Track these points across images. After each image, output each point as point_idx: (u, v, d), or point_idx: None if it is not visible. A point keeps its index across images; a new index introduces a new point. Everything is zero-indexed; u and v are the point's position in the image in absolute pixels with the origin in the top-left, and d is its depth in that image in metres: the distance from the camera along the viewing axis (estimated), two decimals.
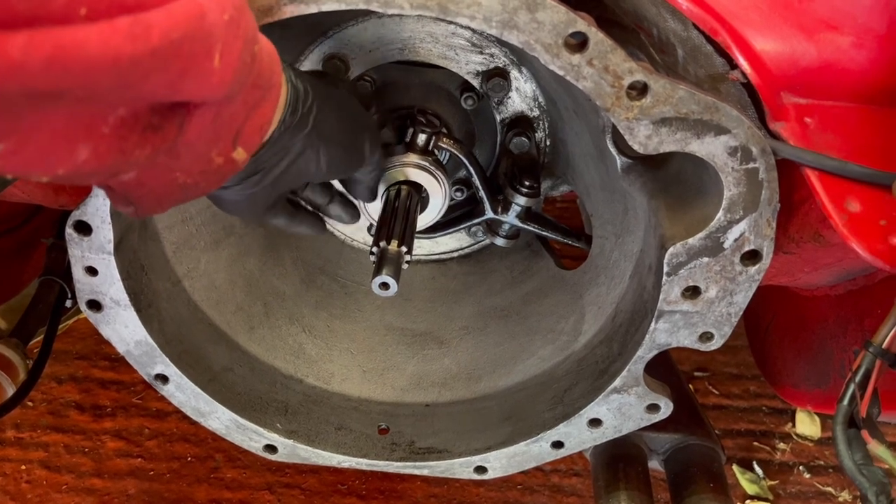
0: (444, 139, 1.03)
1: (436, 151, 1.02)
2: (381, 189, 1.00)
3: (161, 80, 0.47)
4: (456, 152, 1.05)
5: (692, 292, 0.85)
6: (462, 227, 1.19)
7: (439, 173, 1.00)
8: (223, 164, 0.62)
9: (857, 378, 0.74)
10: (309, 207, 0.98)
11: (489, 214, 1.14)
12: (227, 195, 0.79)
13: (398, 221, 0.94)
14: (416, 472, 1.09)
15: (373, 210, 1.02)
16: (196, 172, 0.61)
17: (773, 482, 1.73)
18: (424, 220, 1.05)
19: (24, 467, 1.72)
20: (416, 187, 1.01)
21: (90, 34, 0.41)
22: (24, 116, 0.43)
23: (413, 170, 0.99)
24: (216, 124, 0.58)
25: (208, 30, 0.49)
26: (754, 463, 1.76)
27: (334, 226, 1.30)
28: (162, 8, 0.45)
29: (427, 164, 0.99)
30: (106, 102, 0.48)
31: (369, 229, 1.25)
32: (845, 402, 0.74)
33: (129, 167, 0.54)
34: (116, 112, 0.49)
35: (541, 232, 1.17)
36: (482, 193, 1.11)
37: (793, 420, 1.84)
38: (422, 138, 0.99)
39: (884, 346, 0.73)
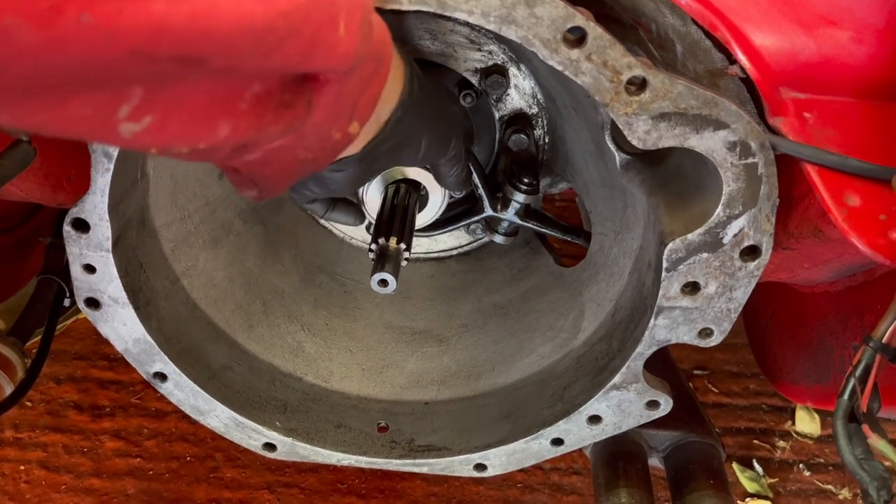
0: None
1: None
2: (380, 187, 1.00)
3: (293, 48, 0.47)
4: None
5: (691, 288, 0.85)
6: (461, 224, 1.19)
7: None
8: (340, 138, 0.64)
9: (858, 373, 0.73)
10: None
11: (488, 212, 1.14)
12: (336, 176, 0.79)
13: (397, 219, 0.94)
14: (416, 469, 1.09)
15: (372, 209, 1.02)
16: (317, 148, 0.62)
17: (772, 480, 1.73)
18: (423, 218, 1.05)
19: (22, 467, 1.72)
20: (415, 185, 1.00)
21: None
22: (169, 86, 0.44)
23: (411, 168, 0.99)
24: (339, 99, 0.58)
25: None
26: (754, 461, 1.76)
27: (333, 224, 1.30)
28: None
29: None
30: (242, 75, 0.48)
31: (368, 228, 1.25)
32: (846, 396, 0.74)
33: (261, 144, 0.55)
34: (252, 88, 0.50)
35: (540, 229, 1.17)
36: (481, 191, 1.11)
37: (793, 418, 1.84)
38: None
39: (884, 340, 0.73)
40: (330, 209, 0.97)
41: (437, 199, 1.03)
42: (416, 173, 1.00)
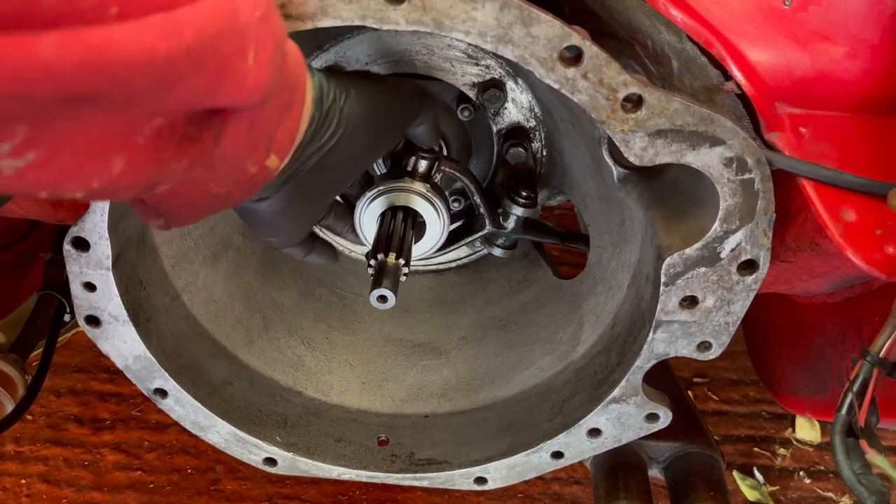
0: (445, 163, 1.03)
1: (435, 175, 1.02)
2: (378, 211, 1.00)
3: (197, 82, 0.45)
4: (457, 174, 1.05)
5: (690, 302, 0.85)
6: (461, 244, 1.17)
7: (438, 202, 1.00)
8: (257, 172, 0.61)
9: (855, 387, 0.74)
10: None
11: (489, 229, 1.13)
12: (262, 207, 0.76)
13: (396, 234, 0.94)
14: (416, 483, 1.09)
15: (368, 233, 1.01)
16: (230, 182, 0.60)
17: (773, 488, 1.73)
18: (424, 247, 1.04)
19: (23, 481, 1.72)
20: (413, 213, 1.01)
21: (123, 33, 0.39)
22: (57, 123, 0.41)
23: (413, 196, 0.99)
24: (251, 131, 0.56)
25: (242, 28, 0.47)
26: (755, 469, 1.76)
27: (333, 237, 1.30)
28: (193, 5, 0.44)
29: (426, 191, 0.99)
30: (142, 109, 0.46)
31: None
32: (843, 411, 0.74)
33: (167, 179, 0.52)
34: (152, 122, 0.47)
35: (539, 239, 1.17)
36: (482, 209, 1.11)
37: (793, 425, 1.84)
38: (423, 164, 0.99)
39: (881, 354, 0.73)
40: (308, 252, 0.93)
41: (435, 231, 1.02)
42: (416, 202, 1.00)
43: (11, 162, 0.41)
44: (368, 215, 1.00)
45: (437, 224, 1.02)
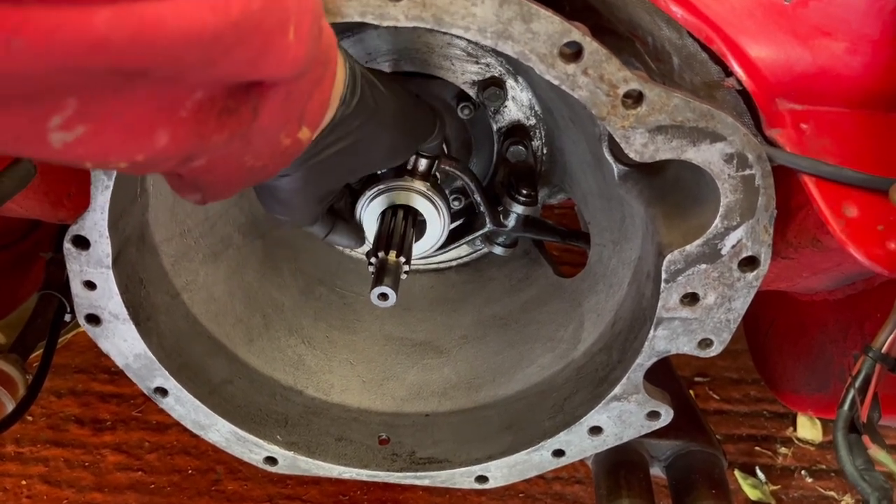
0: (446, 162, 1.03)
1: (436, 174, 1.02)
2: (378, 211, 1.00)
3: (242, 56, 0.46)
4: (457, 173, 1.05)
5: (691, 299, 0.85)
6: (462, 242, 1.17)
7: (439, 200, 1.00)
8: (290, 144, 0.62)
9: (858, 383, 0.73)
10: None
11: (490, 227, 1.13)
12: (284, 184, 0.77)
13: (396, 232, 0.94)
14: (417, 482, 1.09)
15: (369, 231, 1.01)
16: (265, 155, 0.60)
17: (775, 487, 1.73)
18: (424, 246, 1.04)
19: (24, 482, 1.72)
20: (413, 212, 1.01)
21: (174, 8, 0.40)
22: (106, 98, 0.42)
23: (413, 195, 0.99)
24: (286, 104, 0.57)
25: (283, 2, 0.48)
26: (756, 468, 1.75)
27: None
28: None
29: (429, 191, 0.99)
30: (185, 84, 0.46)
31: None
32: (846, 407, 0.74)
33: (205, 152, 0.53)
34: (194, 95, 0.48)
35: (540, 237, 1.17)
36: (482, 208, 1.11)
37: (794, 424, 1.84)
38: (423, 163, 0.99)
39: (883, 350, 0.73)
40: (330, 231, 0.93)
41: (436, 230, 1.02)
42: (416, 201, 1.00)
43: (61, 135, 0.41)
44: (369, 213, 1.00)
45: (437, 222, 1.02)
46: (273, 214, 0.83)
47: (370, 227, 1.00)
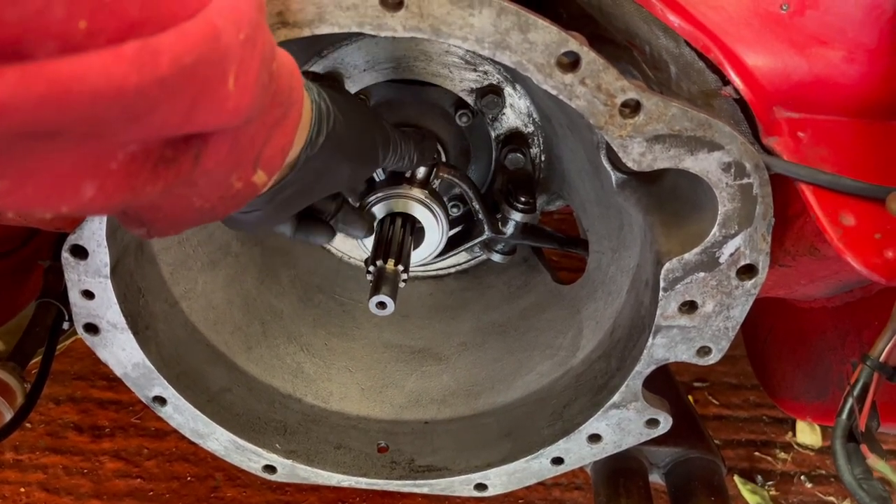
0: (444, 169, 1.03)
1: (434, 181, 1.02)
2: (377, 218, 1.01)
3: (171, 111, 0.43)
4: (455, 179, 1.05)
5: (689, 307, 0.85)
6: (460, 249, 1.18)
7: (437, 208, 1.00)
8: (242, 188, 0.59)
9: (856, 392, 0.73)
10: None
11: (488, 234, 1.13)
12: (245, 218, 0.76)
13: (395, 240, 0.94)
14: (416, 490, 1.08)
15: (368, 239, 1.01)
16: (214, 197, 0.58)
17: (774, 492, 1.72)
18: (423, 254, 1.05)
19: (23, 490, 1.71)
20: (413, 220, 1.01)
21: (92, 64, 0.37)
22: (22, 155, 0.39)
23: (411, 202, 1.00)
24: (234, 150, 0.54)
25: (223, 52, 0.45)
26: (756, 474, 1.75)
27: (331, 243, 1.30)
28: (173, 30, 0.41)
29: (425, 197, 0.99)
30: (113, 138, 0.43)
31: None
32: (844, 416, 0.74)
33: (140, 202, 0.50)
34: (126, 148, 0.45)
35: (538, 244, 1.17)
36: (481, 215, 1.11)
37: (793, 429, 1.83)
38: (421, 171, 0.99)
39: (881, 359, 0.73)
40: (297, 230, 0.89)
41: (434, 238, 1.03)
42: (414, 209, 1.00)
43: None
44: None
45: (435, 230, 1.02)
46: (230, 228, 0.81)
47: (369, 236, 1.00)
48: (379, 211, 1.00)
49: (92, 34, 0.37)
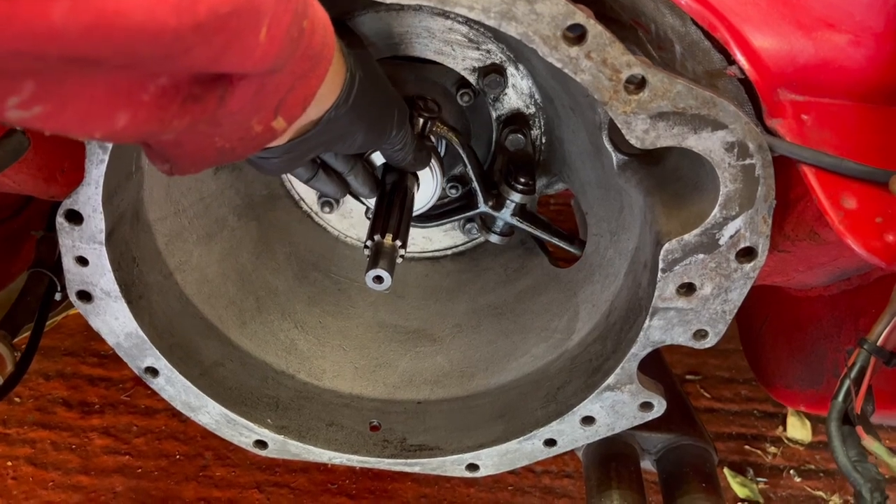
0: (441, 125, 1.03)
1: (431, 138, 1.01)
2: (377, 165, 1.00)
3: (203, 54, 0.46)
4: (452, 139, 1.04)
5: (687, 289, 0.85)
6: (455, 219, 1.18)
7: (433, 158, 1.00)
8: (262, 132, 0.62)
9: (853, 375, 0.73)
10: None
11: (482, 208, 1.13)
12: (265, 164, 0.80)
13: (393, 215, 0.94)
14: (408, 469, 1.08)
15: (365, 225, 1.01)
16: (235, 138, 0.61)
17: (763, 486, 1.73)
18: (417, 203, 1.04)
19: (10, 463, 1.71)
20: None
21: (137, 3, 0.40)
22: (64, 80, 0.43)
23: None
24: (258, 94, 0.57)
25: (258, 5, 0.48)
26: (746, 467, 1.76)
27: (328, 222, 1.29)
28: None
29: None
30: (147, 71, 0.47)
31: (367, 212, 1.23)
32: (840, 398, 0.74)
33: (167, 134, 0.54)
34: (157, 81, 0.48)
35: (533, 231, 1.16)
36: (476, 185, 1.11)
37: (784, 424, 1.84)
38: (418, 122, 0.99)
39: (879, 343, 0.73)
40: (313, 177, 0.93)
41: (429, 188, 1.02)
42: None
43: (18, 113, 0.42)
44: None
45: (430, 180, 1.01)
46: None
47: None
48: (376, 160, 0.99)
49: None
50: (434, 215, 1.14)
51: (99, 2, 0.38)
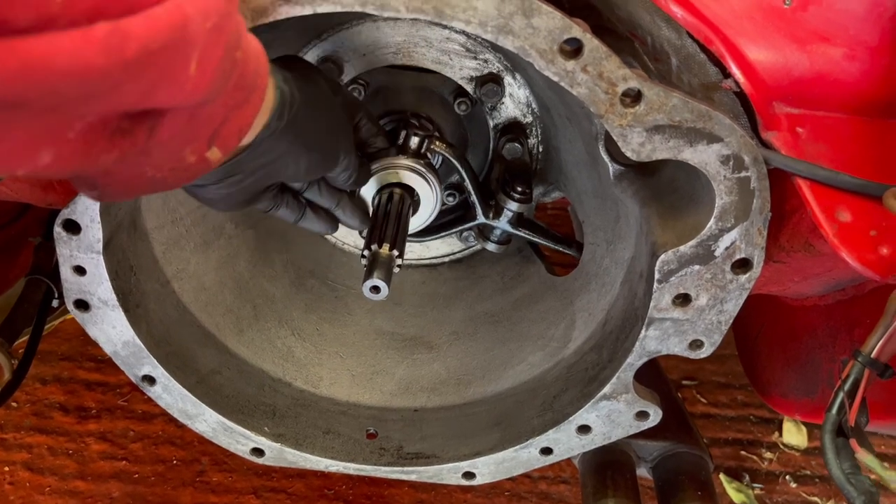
0: (437, 142, 1.03)
1: (428, 155, 1.02)
2: (373, 192, 1.00)
3: (132, 91, 0.45)
4: (449, 156, 1.05)
5: (683, 300, 0.85)
6: (454, 231, 1.19)
7: (431, 177, 1.00)
8: (195, 162, 0.61)
9: (846, 387, 0.74)
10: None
11: (481, 219, 1.14)
12: (202, 193, 0.78)
13: (390, 225, 0.94)
14: (404, 477, 1.08)
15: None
16: (166, 168, 0.59)
17: (759, 491, 1.73)
18: (415, 223, 1.04)
19: (7, 469, 1.70)
20: (409, 190, 1.00)
21: (62, 44, 0.39)
22: None
23: (405, 172, 0.99)
24: (190, 125, 0.56)
25: (189, 39, 0.47)
26: (742, 473, 1.76)
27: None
28: (143, 14, 0.43)
29: (419, 167, 0.99)
30: (73, 111, 0.45)
31: (361, 232, 1.24)
32: (834, 411, 0.74)
33: (95, 168, 0.52)
34: (84, 119, 0.47)
35: (532, 238, 1.17)
36: (474, 198, 1.11)
37: (780, 429, 1.84)
38: (414, 141, 0.99)
39: (873, 355, 0.74)
40: (301, 217, 0.92)
41: (429, 205, 1.02)
42: (410, 179, 1.00)
43: None
44: (364, 194, 1.00)
45: (430, 197, 1.01)
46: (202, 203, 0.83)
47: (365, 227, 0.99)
48: (372, 186, 0.99)
49: (66, 7, 0.39)
50: (432, 228, 1.13)
51: (24, 48, 0.38)
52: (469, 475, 1.07)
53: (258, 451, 1.07)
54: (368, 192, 0.99)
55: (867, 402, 0.76)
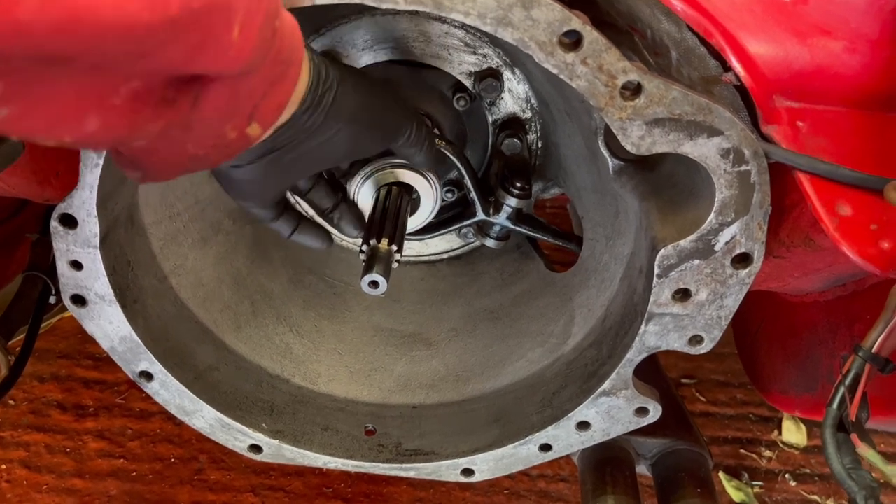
0: (437, 140, 1.02)
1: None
2: (371, 190, 0.99)
3: (176, 52, 0.45)
4: (448, 153, 1.04)
5: (682, 295, 0.85)
6: (453, 228, 1.18)
7: (430, 175, 1.00)
8: (236, 138, 0.61)
9: (847, 382, 0.73)
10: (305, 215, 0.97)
11: (480, 216, 1.13)
12: (238, 174, 0.78)
13: (389, 220, 0.93)
14: (403, 473, 1.08)
15: (364, 211, 1.01)
16: (208, 145, 0.60)
17: (759, 490, 1.73)
18: (415, 222, 1.04)
19: (4, 467, 1.70)
20: (407, 188, 1.00)
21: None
22: (32, 81, 0.42)
23: (403, 171, 0.99)
24: (232, 99, 0.56)
25: (230, 3, 0.47)
26: (741, 471, 1.76)
27: (324, 225, 1.29)
28: None
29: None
30: (118, 73, 0.46)
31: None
32: (835, 405, 0.74)
33: (139, 139, 0.53)
34: (129, 84, 0.47)
35: (532, 233, 1.16)
36: (473, 195, 1.11)
37: (779, 428, 1.84)
38: None
39: (874, 350, 0.73)
40: (296, 229, 0.93)
41: (428, 204, 1.02)
42: (407, 177, 1.00)
43: None
44: (363, 197, 0.99)
45: (430, 195, 1.01)
46: (230, 196, 0.84)
47: (366, 207, 0.99)
48: (371, 185, 0.98)
49: None
50: (432, 225, 1.13)
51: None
52: (468, 472, 1.06)
53: (256, 448, 1.07)
54: (367, 192, 0.99)
55: (868, 398, 0.76)
